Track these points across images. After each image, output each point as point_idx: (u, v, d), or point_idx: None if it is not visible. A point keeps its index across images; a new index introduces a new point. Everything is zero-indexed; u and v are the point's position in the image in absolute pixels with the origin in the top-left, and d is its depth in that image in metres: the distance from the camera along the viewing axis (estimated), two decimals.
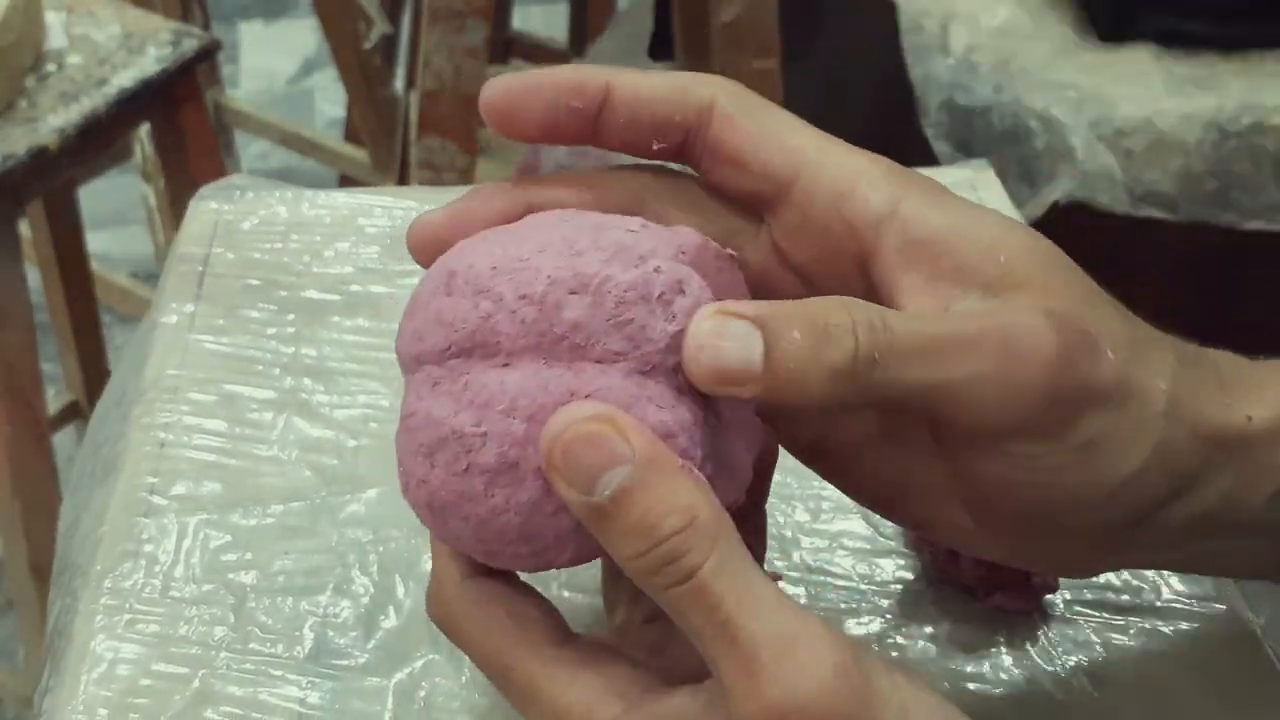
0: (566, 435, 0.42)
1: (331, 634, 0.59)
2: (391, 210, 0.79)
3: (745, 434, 0.48)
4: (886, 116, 1.58)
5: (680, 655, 0.46)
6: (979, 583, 0.61)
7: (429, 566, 0.61)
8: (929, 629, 0.60)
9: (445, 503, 0.46)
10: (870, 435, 0.50)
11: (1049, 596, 0.61)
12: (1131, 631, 0.60)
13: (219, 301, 0.73)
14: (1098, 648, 0.60)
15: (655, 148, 0.51)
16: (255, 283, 0.74)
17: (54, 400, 1.70)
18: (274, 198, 0.79)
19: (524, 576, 0.49)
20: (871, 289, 0.48)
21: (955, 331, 0.45)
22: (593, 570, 0.54)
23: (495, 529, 0.45)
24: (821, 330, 0.43)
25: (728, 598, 0.42)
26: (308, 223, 0.78)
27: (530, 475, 0.44)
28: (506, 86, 0.49)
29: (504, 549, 0.46)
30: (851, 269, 0.49)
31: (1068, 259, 0.48)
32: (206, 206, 0.78)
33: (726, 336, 0.43)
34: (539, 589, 0.49)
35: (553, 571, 0.48)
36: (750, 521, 0.51)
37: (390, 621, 0.60)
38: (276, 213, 0.78)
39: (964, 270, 0.47)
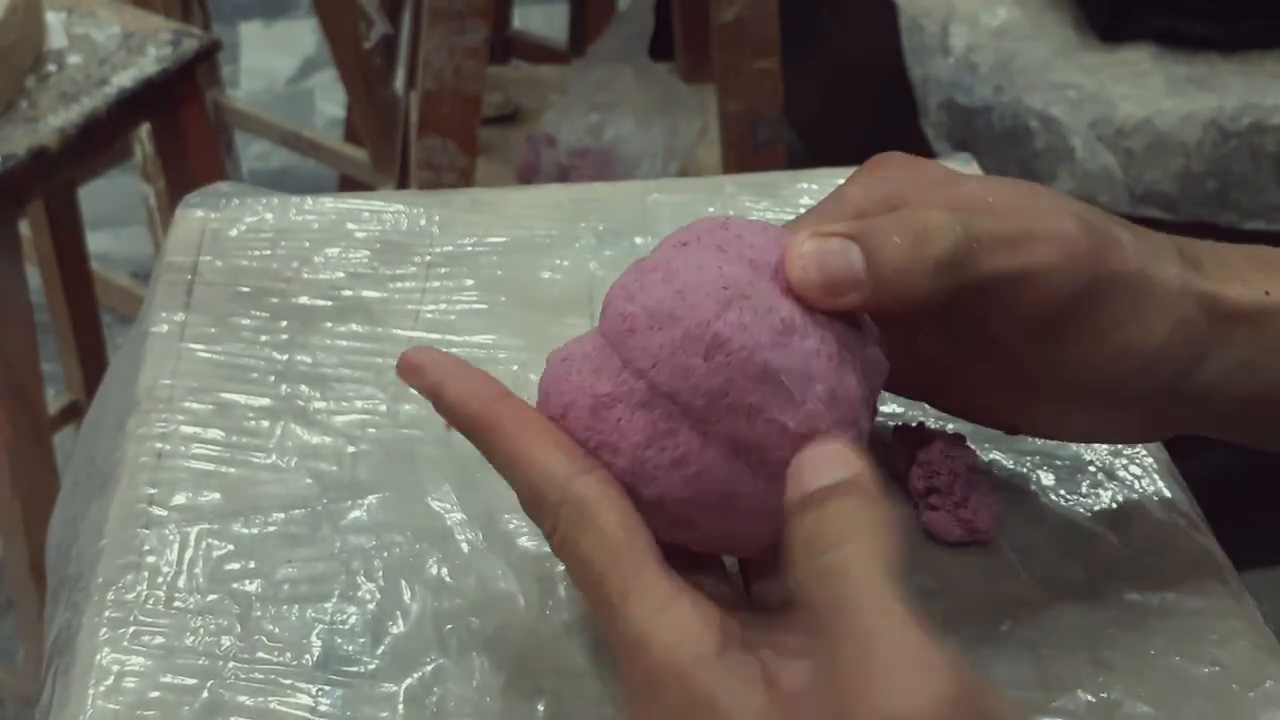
0: (811, 449, 0.48)
1: (339, 641, 0.59)
2: (381, 214, 0.78)
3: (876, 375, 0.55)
4: (886, 116, 1.58)
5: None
6: (919, 498, 0.64)
7: (435, 572, 0.61)
8: (937, 619, 0.60)
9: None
10: (945, 352, 0.59)
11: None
12: (1133, 615, 0.61)
13: (209, 310, 0.73)
14: (1102, 634, 0.60)
15: None
16: (245, 290, 0.74)
17: (54, 400, 1.70)
18: (261, 204, 0.78)
19: None
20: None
21: (1024, 230, 0.53)
22: None
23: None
24: (921, 231, 0.51)
25: (863, 590, 0.44)
26: (295, 229, 0.77)
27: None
28: None
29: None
30: None
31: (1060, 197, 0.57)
32: (192, 214, 0.78)
33: (826, 252, 0.50)
34: None
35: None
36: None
37: (398, 627, 0.60)
38: (264, 219, 0.78)
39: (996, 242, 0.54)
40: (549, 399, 0.52)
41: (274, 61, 2.84)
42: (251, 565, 0.61)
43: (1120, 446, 0.67)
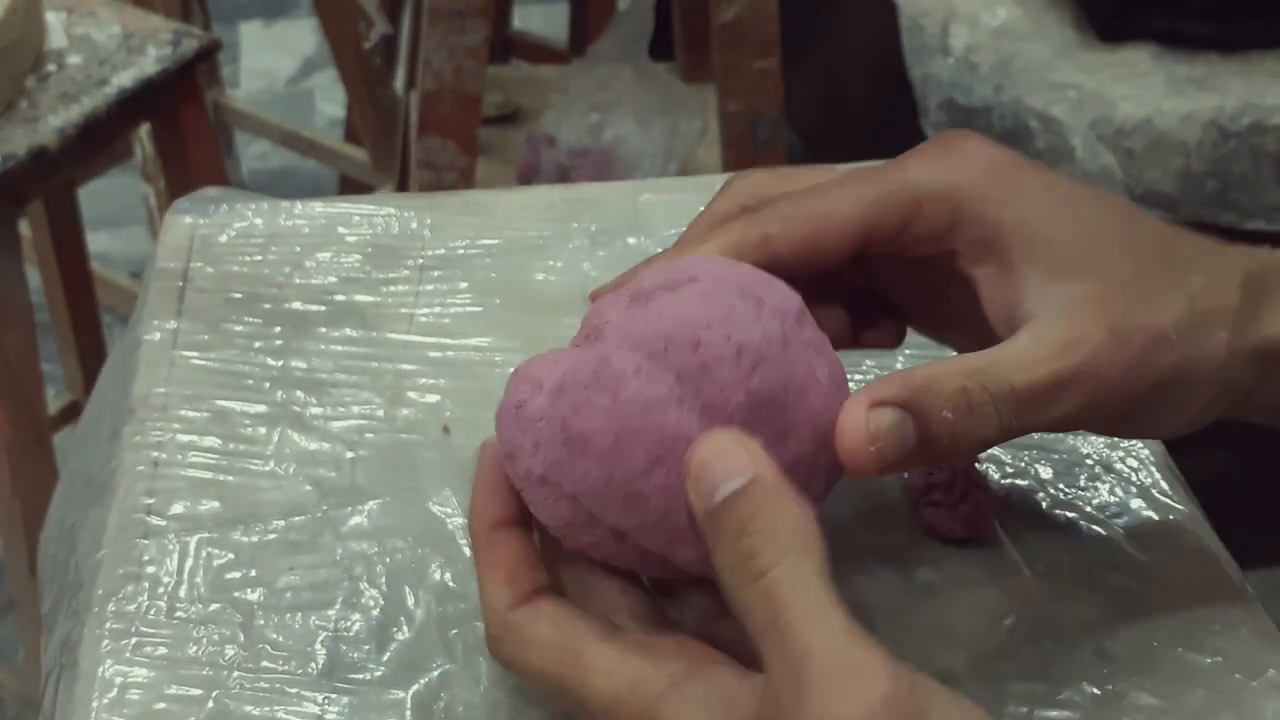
0: (702, 450, 0.48)
1: (344, 648, 0.59)
2: (372, 218, 0.78)
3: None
4: (886, 116, 1.58)
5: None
6: (918, 495, 0.64)
7: (438, 577, 0.61)
8: (939, 616, 0.61)
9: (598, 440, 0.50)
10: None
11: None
12: (1135, 608, 0.61)
13: (201, 316, 0.72)
14: (1104, 627, 0.60)
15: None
16: (237, 296, 0.74)
17: (54, 400, 1.70)
18: (250, 209, 0.78)
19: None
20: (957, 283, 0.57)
21: (1056, 378, 0.52)
22: None
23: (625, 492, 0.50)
24: (966, 407, 0.51)
25: (791, 607, 0.45)
26: (286, 234, 0.77)
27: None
28: None
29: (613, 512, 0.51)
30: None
31: (1121, 230, 0.56)
32: (181, 220, 0.78)
33: (882, 430, 0.51)
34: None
35: None
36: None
37: (403, 633, 0.60)
38: (253, 224, 0.77)
39: (1024, 262, 0.54)
40: (503, 438, 0.53)
41: (274, 61, 2.84)
42: (253, 573, 0.61)
43: (1117, 440, 0.68)
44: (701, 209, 0.59)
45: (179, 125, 1.44)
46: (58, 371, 1.81)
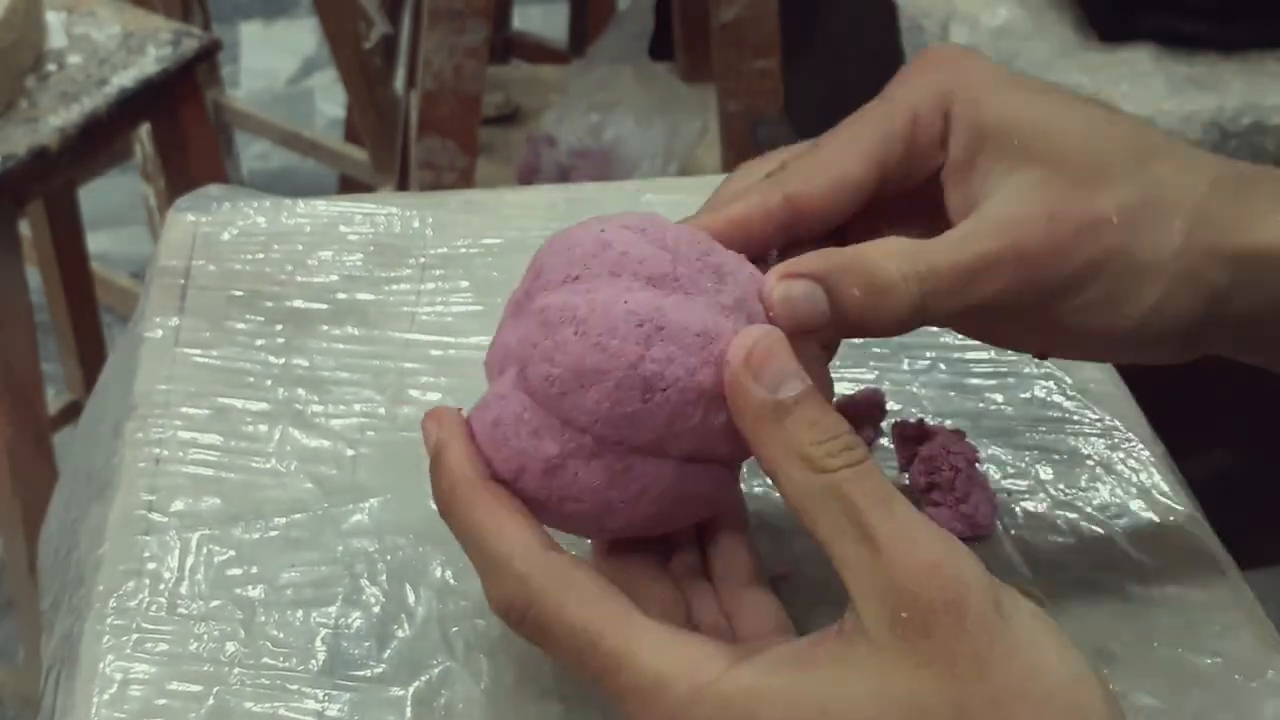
0: (763, 340, 0.49)
1: (345, 645, 0.59)
2: (374, 217, 0.78)
3: None
4: None
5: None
6: (919, 494, 0.64)
7: (439, 574, 0.61)
8: None
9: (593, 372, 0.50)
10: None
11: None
12: (1135, 609, 0.61)
13: (204, 314, 0.73)
14: (1102, 629, 0.60)
15: None
16: (239, 294, 0.74)
17: (54, 400, 1.70)
18: (252, 207, 0.78)
19: None
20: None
21: (981, 257, 0.53)
22: None
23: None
24: (878, 288, 0.52)
25: (891, 492, 0.47)
26: (288, 232, 0.77)
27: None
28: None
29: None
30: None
31: (1086, 117, 0.56)
32: (184, 218, 0.78)
33: (794, 298, 0.51)
34: None
35: None
36: None
37: (404, 630, 0.60)
38: (256, 223, 0.78)
39: (990, 158, 0.55)
40: (495, 463, 0.52)
41: (274, 61, 2.84)
42: (254, 570, 0.61)
43: (1117, 441, 0.68)
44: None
45: (179, 125, 1.44)
46: (58, 371, 1.81)
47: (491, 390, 0.53)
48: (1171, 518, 0.65)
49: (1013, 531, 0.64)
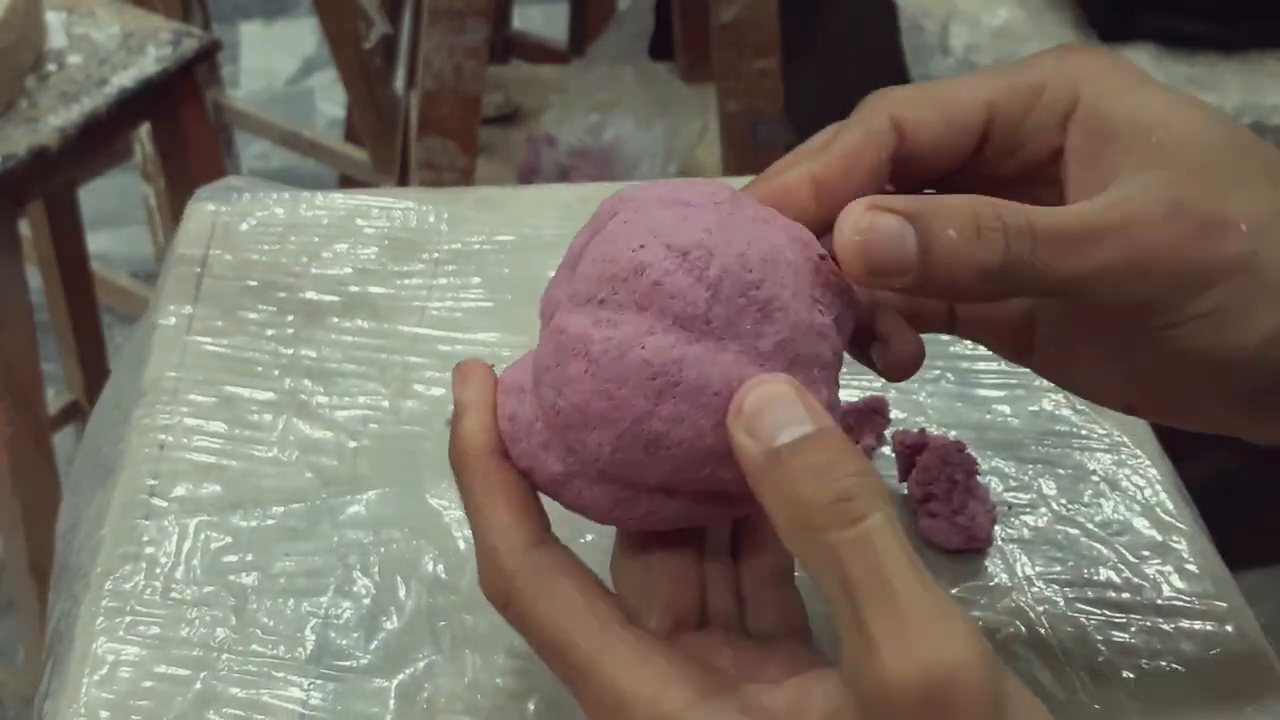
0: (763, 389, 0.45)
1: (333, 635, 0.59)
2: (390, 211, 0.79)
3: None
4: None
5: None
6: (916, 505, 0.64)
7: (431, 568, 0.61)
8: None
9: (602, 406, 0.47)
10: (1034, 323, 0.55)
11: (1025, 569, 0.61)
12: (1132, 629, 0.60)
13: (217, 303, 0.73)
14: (1099, 645, 0.60)
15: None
16: (253, 284, 0.74)
17: (54, 400, 1.70)
18: (271, 199, 0.79)
19: None
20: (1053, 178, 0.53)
21: (1088, 226, 0.49)
22: None
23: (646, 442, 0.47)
24: (974, 230, 0.48)
25: (892, 555, 0.43)
26: (306, 224, 0.78)
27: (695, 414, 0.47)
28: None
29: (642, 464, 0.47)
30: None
31: (1231, 134, 0.52)
32: (204, 208, 0.78)
33: (879, 231, 0.47)
34: None
35: None
36: None
37: (392, 623, 0.60)
38: (274, 214, 0.78)
39: (1123, 154, 0.51)
40: (511, 453, 0.50)
41: (274, 61, 2.84)
42: (249, 558, 0.62)
43: (1124, 457, 0.67)
44: None
45: (179, 125, 1.44)
46: (58, 371, 1.81)
47: (516, 370, 0.51)
48: (1175, 537, 0.64)
49: (1011, 545, 0.64)
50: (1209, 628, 0.61)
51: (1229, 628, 0.61)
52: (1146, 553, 0.63)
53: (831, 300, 0.49)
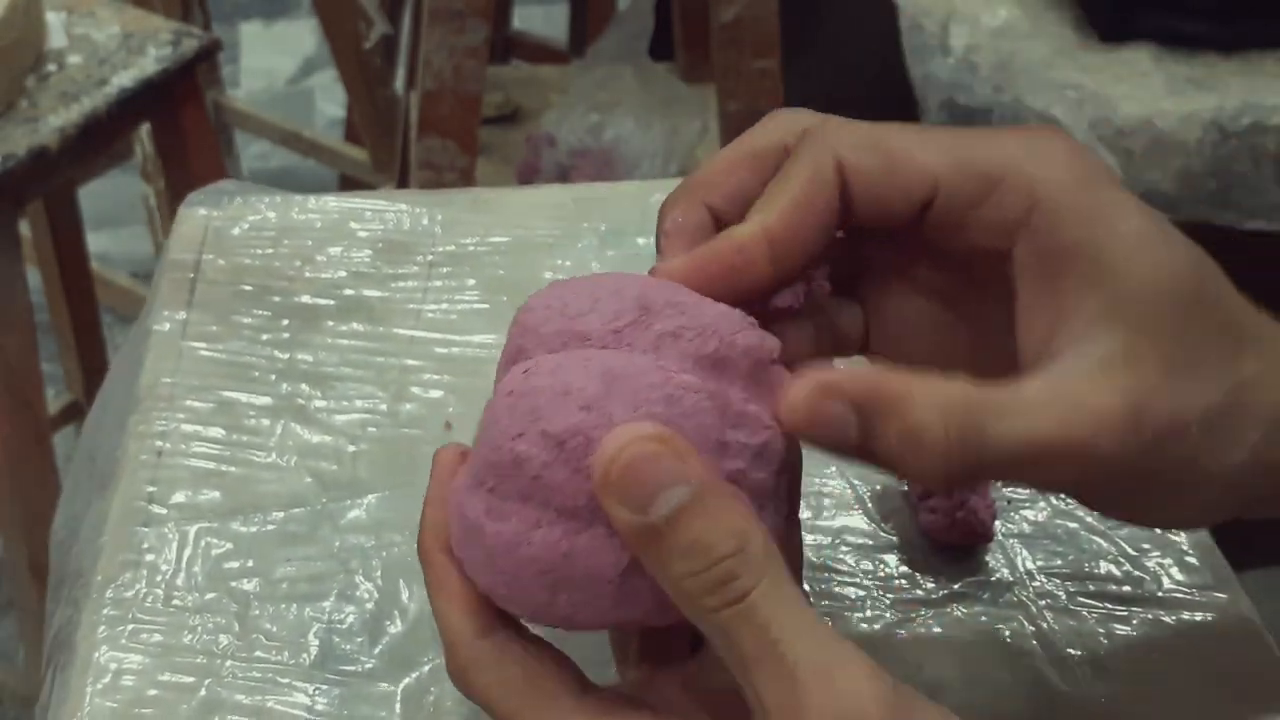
0: (625, 453, 0.43)
1: (337, 640, 0.59)
2: (383, 214, 0.78)
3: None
4: (886, 116, 1.58)
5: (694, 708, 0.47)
6: (917, 500, 0.63)
7: None
8: (933, 624, 0.60)
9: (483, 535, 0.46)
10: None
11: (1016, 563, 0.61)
12: (1134, 622, 0.60)
13: (211, 308, 0.73)
14: (1100, 638, 0.60)
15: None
16: (248, 288, 0.74)
17: (54, 400, 1.70)
18: (263, 203, 0.78)
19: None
20: (1002, 287, 0.50)
21: (1044, 447, 0.46)
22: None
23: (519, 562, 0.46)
24: (916, 443, 0.45)
25: (775, 621, 0.43)
26: (298, 227, 0.77)
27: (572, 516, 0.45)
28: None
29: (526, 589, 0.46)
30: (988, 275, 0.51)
31: (1196, 290, 0.49)
32: (195, 213, 0.78)
33: (824, 414, 0.46)
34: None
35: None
36: (791, 541, 0.51)
37: (396, 627, 0.60)
38: (266, 218, 0.78)
39: (1083, 288, 0.48)
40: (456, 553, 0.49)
41: (274, 61, 2.84)
42: (250, 564, 0.61)
43: None
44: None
45: (179, 125, 1.44)
46: (58, 371, 1.81)
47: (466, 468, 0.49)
48: (1173, 531, 0.64)
49: (1012, 539, 0.64)
50: (1209, 619, 0.61)
51: (1229, 619, 0.61)
52: (1146, 545, 0.63)
53: (754, 421, 0.47)
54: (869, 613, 0.61)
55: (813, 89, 1.76)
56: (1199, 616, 0.61)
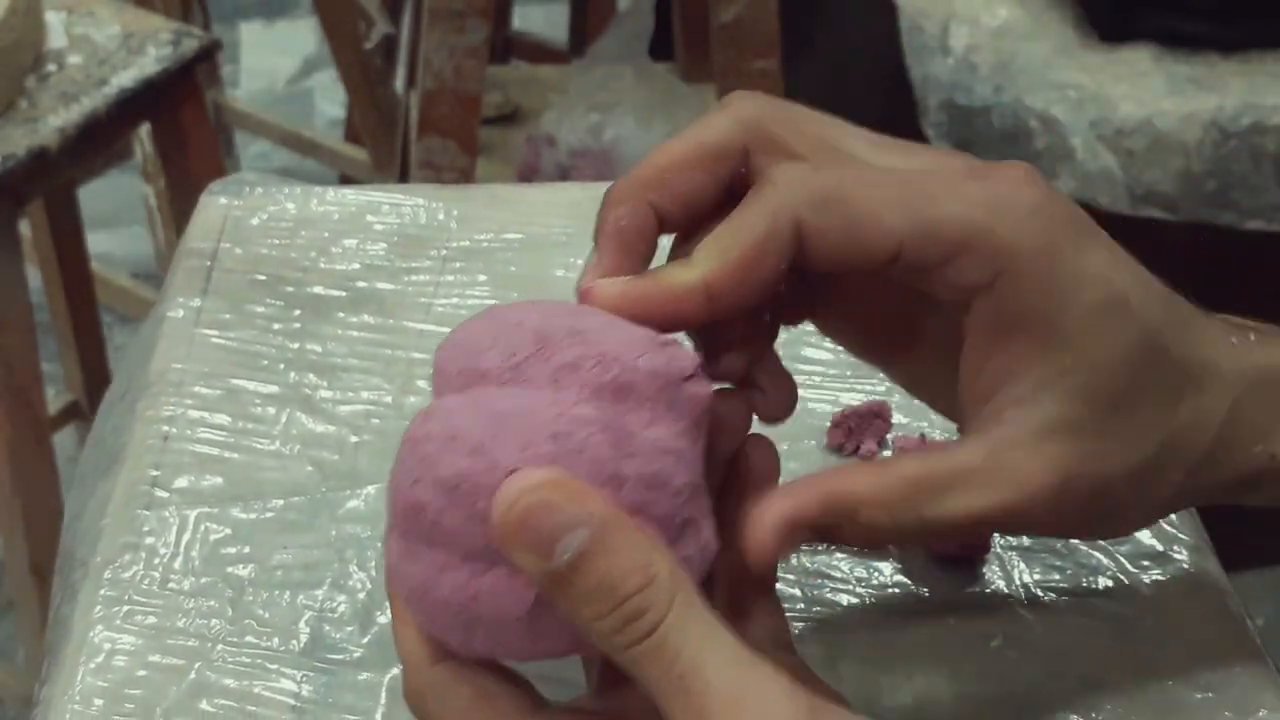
0: (520, 504, 0.43)
1: (328, 628, 0.59)
2: (400, 207, 0.79)
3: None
4: (886, 116, 1.58)
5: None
6: None
7: None
8: (926, 634, 0.60)
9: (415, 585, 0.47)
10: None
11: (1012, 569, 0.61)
12: (1130, 639, 0.60)
13: (226, 296, 0.73)
14: (1095, 654, 0.59)
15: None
16: (262, 278, 0.74)
17: (54, 400, 1.70)
18: (283, 194, 0.79)
19: None
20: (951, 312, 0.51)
21: (980, 519, 0.49)
22: None
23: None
24: (871, 537, 0.49)
25: (684, 652, 0.43)
26: (316, 219, 0.78)
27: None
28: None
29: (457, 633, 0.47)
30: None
31: (1148, 352, 0.50)
32: (216, 202, 0.79)
33: (790, 545, 0.48)
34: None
35: None
36: (726, 556, 0.50)
37: (386, 617, 0.60)
38: (285, 209, 0.78)
39: (1023, 357, 0.49)
40: None
41: (274, 61, 2.84)
42: (247, 550, 0.62)
43: None
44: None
45: (179, 125, 1.44)
46: (58, 371, 1.81)
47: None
48: (1176, 547, 0.63)
49: (1010, 551, 0.63)
50: (1207, 638, 0.60)
51: (1227, 638, 0.60)
52: (1146, 562, 0.63)
53: (653, 448, 0.46)
54: (861, 620, 0.60)
55: (813, 89, 1.76)
56: (1197, 635, 0.60)
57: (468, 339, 0.48)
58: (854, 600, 0.61)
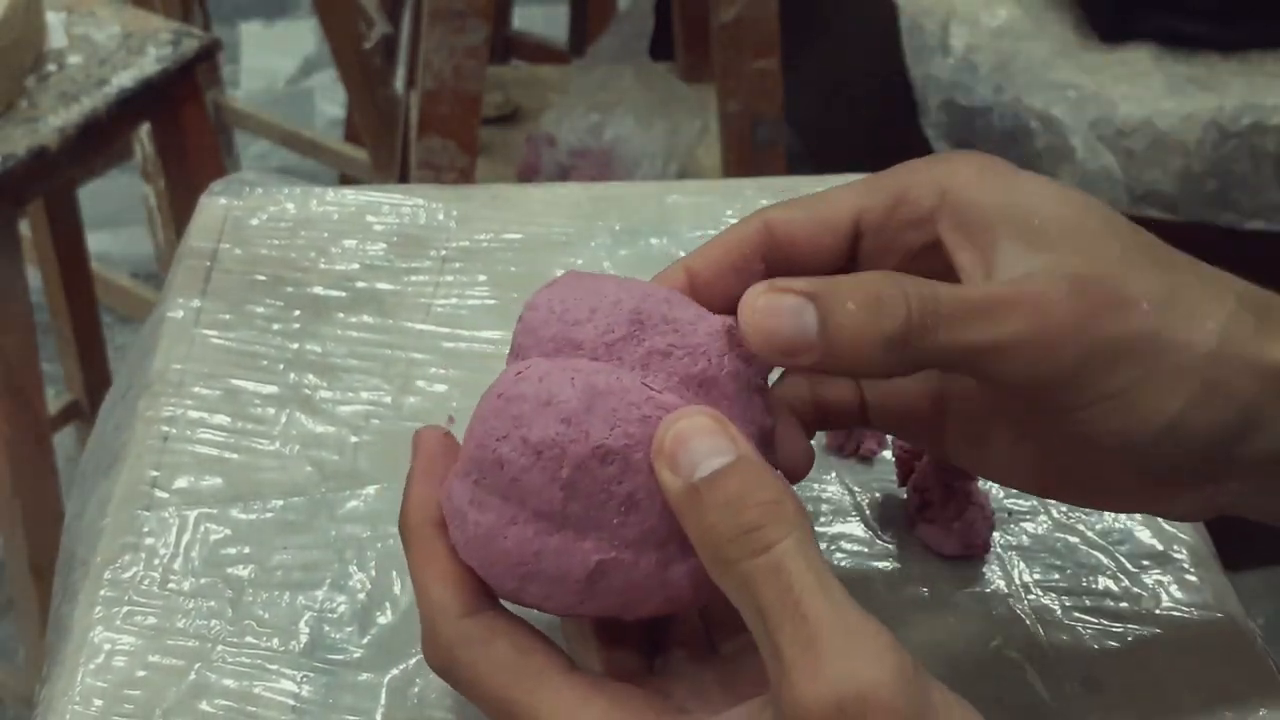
0: (682, 424, 0.47)
1: (327, 629, 0.59)
2: (400, 208, 0.79)
3: None
4: (886, 116, 1.58)
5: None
6: (914, 510, 0.63)
7: None
8: (925, 633, 0.60)
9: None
10: (945, 411, 0.56)
11: (1019, 571, 0.61)
12: (1130, 639, 0.60)
13: (225, 296, 0.73)
14: (1095, 654, 0.59)
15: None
16: (262, 278, 0.74)
17: (54, 400, 1.70)
18: (283, 194, 0.79)
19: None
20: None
21: (993, 297, 0.49)
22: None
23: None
24: (875, 301, 0.48)
25: (801, 578, 0.44)
26: (316, 219, 0.78)
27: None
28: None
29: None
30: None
31: (1108, 219, 0.52)
32: (216, 202, 0.79)
33: (780, 312, 0.48)
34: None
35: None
36: None
37: (386, 618, 0.60)
38: (285, 209, 0.78)
39: (1005, 239, 0.51)
40: (450, 533, 0.51)
41: (274, 61, 2.84)
42: (247, 550, 0.62)
43: None
44: (728, 211, 0.59)
45: (179, 125, 1.44)
46: (58, 371, 1.80)
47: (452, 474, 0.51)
48: (1176, 547, 0.63)
49: (1010, 551, 0.63)
50: (1207, 638, 0.60)
51: (1228, 638, 0.60)
52: (1146, 562, 0.63)
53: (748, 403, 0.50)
54: None
55: (813, 89, 1.76)
56: (1196, 635, 0.60)
57: (564, 305, 0.51)
58: (857, 597, 0.61)
